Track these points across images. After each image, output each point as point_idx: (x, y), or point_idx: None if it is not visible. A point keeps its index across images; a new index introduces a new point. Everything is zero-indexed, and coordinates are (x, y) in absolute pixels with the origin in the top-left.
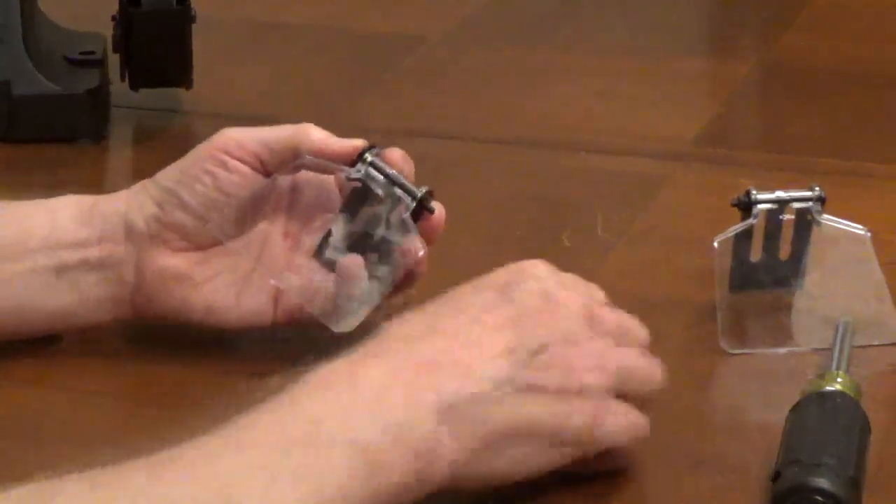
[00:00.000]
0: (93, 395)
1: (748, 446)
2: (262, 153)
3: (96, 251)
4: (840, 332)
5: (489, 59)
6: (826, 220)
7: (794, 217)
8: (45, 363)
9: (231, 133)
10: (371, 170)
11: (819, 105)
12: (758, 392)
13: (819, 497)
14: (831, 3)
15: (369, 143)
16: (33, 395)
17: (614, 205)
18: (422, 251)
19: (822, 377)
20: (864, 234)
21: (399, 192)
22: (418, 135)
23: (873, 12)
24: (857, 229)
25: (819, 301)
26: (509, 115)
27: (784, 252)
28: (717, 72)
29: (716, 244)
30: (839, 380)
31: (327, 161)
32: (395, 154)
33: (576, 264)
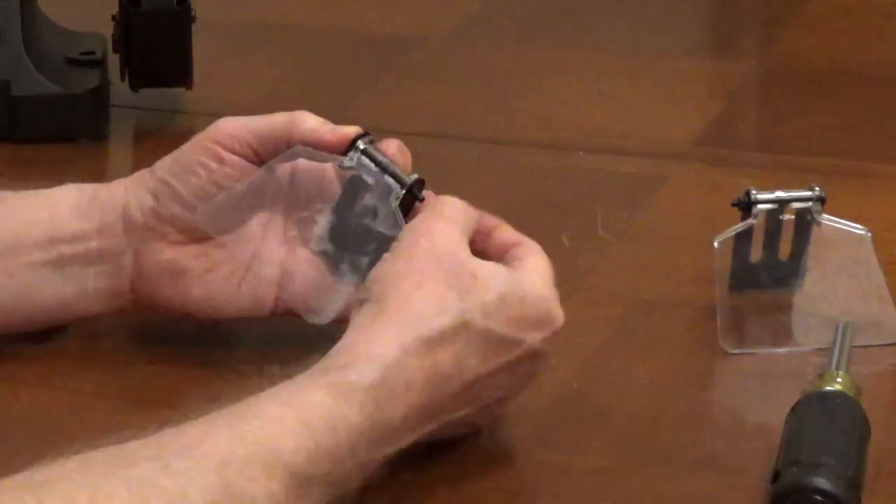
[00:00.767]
0: (93, 396)
1: (748, 446)
2: (256, 143)
3: (95, 244)
4: (840, 332)
5: (489, 59)
6: (826, 220)
7: (794, 217)
8: (45, 363)
9: (225, 124)
10: (363, 157)
11: (819, 105)
12: (758, 392)
13: (819, 497)
14: (831, 3)
15: (362, 131)
16: (33, 395)
17: (614, 205)
18: None
19: (822, 377)
20: (864, 234)
21: (389, 180)
22: (418, 135)
23: (873, 12)
24: (857, 229)
25: (819, 301)
26: (509, 115)
27: (784, 252)
28: (717, 72)
29: (716, 244)
30: (839, 380)
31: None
32: (391, 145)
33: (576, 264)
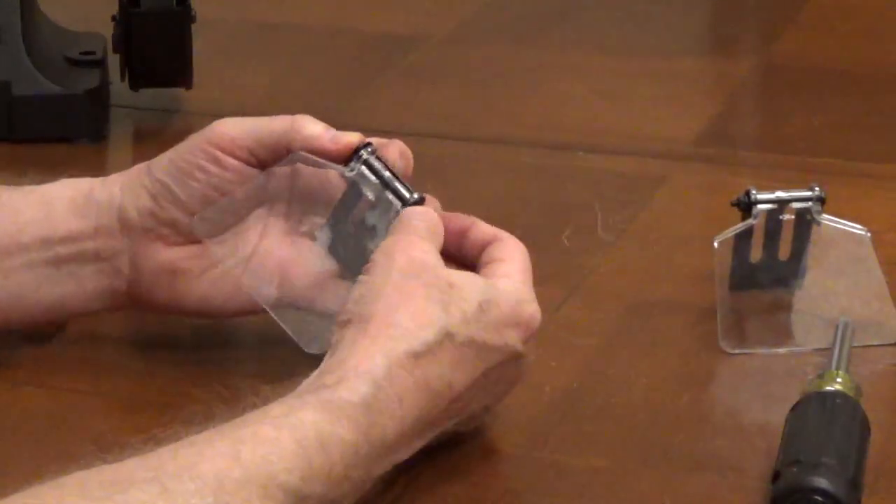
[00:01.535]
0: (92, 395)
1: (748, 446)
2: (255, 148)
3: (91, 243)
4: (840, 332)
5: (489, 59)
6: (826, 220)
7: (794, 217)
8: (45, 363)
9: (223, 128)
10: (365, 169)
11: (819, 105)
12: (758, 392)
13: (819, 497)
14: (831, 3)
15: (365, 140)
16: (33, 395)
17: (614, 205)
18: None
19: (822, 377)
20: (864, 234)
21: (390, 196)
22: (418, 135)
23: (873, 12)
24: (857, 229)
25: (819, 301)
26: (509, 115)
27: (784, 252)
28: (717, 72)
29: (716, 244)
30: (839, 380)
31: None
32: (393, 150)
33: (576, 264)
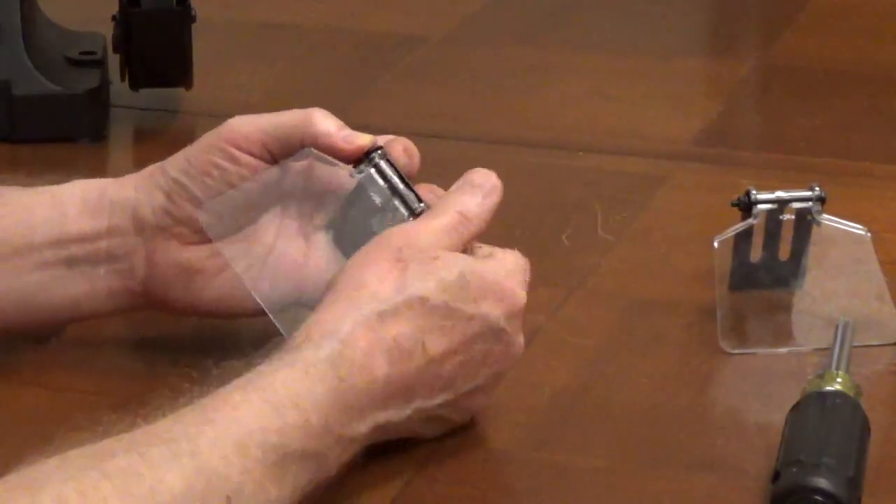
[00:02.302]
0: (92, 395)
1: (748, 446)
2: (270, 143)
3: (105, 243)
4: (840, 332)
5: (489, 59)
6: (826, 220)
7: (794, 217)
8: (45, 363)
9: (238, 125)
10: (374, 173)
11: (819, 105)
12: (758, 392)
13: (819, 497)
14: (831, 3)
15: (377, 144)
16: (33, 395)
17: (614, 205)
18: None
19: (822, 377)
20: (864, 234)
21: (398, 203)
22: (418, 135)
23: (873, 12)
24: (857, 229)
25: (819, 301)
26: (509, 115)
27: (784, 252)
28: (717, 72)
29: (716, 244)
30: (839, 380)
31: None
32: (398, 147)
33: (576, 264)
